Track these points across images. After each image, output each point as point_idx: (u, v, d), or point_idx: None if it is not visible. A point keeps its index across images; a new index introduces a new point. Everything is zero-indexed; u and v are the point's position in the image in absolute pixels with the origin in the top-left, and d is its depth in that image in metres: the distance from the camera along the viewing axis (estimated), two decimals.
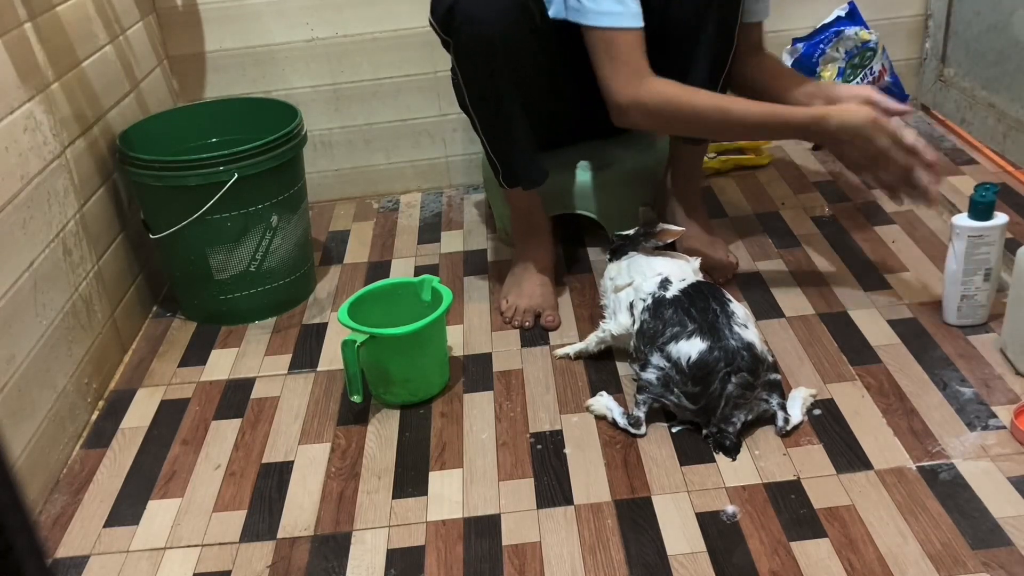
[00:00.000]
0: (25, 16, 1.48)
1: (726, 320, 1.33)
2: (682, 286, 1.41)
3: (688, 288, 1.40)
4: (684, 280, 1.43)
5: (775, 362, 1.36)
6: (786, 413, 1.34)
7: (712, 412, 1.31)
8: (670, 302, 1.38)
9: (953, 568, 1.10)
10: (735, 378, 1.29)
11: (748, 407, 1.32)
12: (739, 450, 1.30)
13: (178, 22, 2.06)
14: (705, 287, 1.41)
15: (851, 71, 2.13)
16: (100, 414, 1.54)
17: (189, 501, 1.33)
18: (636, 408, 1.36)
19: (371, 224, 2.10)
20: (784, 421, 1.33)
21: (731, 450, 1.30)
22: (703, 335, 1.31)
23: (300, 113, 1.76)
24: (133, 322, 1.75)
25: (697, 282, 1.43)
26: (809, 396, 1.38)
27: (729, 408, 1.30)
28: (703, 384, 1.30)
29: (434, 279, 1.53)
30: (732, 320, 1.34)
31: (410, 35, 2.08)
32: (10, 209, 1.36)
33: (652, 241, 1.53)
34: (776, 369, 1.36)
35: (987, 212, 1.43)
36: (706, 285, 1.42)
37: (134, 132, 1.75)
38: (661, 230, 1.52)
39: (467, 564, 1.18)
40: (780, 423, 1.33)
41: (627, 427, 1.36)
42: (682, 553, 1.16)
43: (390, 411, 1.47)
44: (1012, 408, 1.33)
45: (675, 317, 1.35)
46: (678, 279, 1.43)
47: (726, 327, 1.32)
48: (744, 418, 1.32)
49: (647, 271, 1.47)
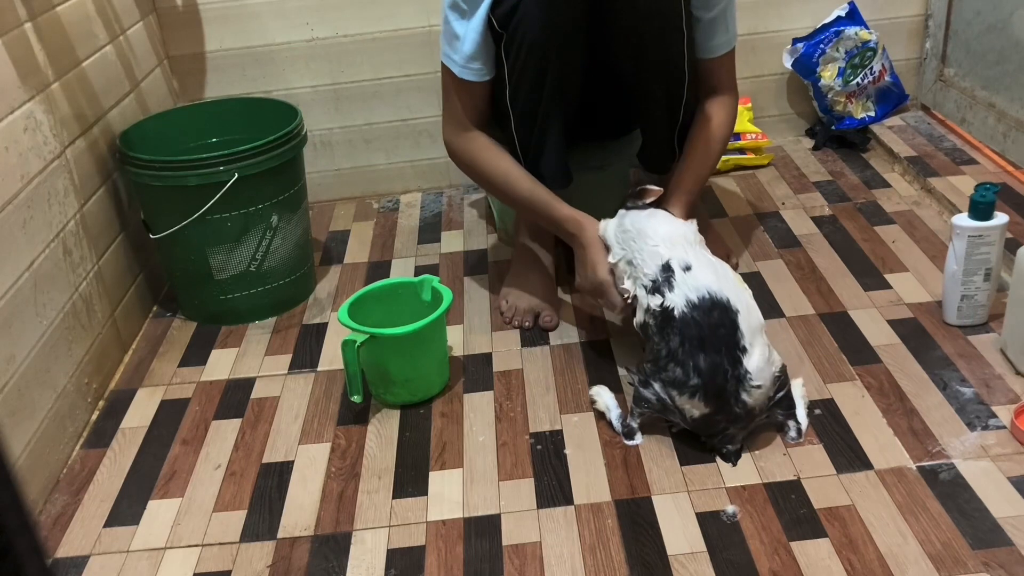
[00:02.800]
0: (25, 16, 1.48)
1: (735, 384, 1.24)
2: (690, 292, 1.28)
3: (699, 303, 1.27)
4: (688, 269, 1.32)
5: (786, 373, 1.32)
6: (797, 423, 1.32)
7: (712, 437, 1.31)
8: (678, 324, 1.27)
9: (953, 568, 1.10)
10: (734, 427, 1.29)
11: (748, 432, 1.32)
12: (740, 456, 1.30)
13: (178, 22, 2.06)
14: (716, 304, 1.27)
15: (851, 71, 2.13)
16: (100, 414, 1.54)
17: (189, 501, 1.33)
18: (631, 418, 1.35)
19: (371, 224, 2.10)
20: (796, 431, 1.32)
21: (731, 456, 1.29)
22: (708, 400, 1.25)
23: (300, 113, 1.76)
24: (133, 322, 1.75)
25: (708, 294, 1.28)
26: (802, 389, 1.37)
27: (728, 437, 1.30)
28: (703, 430, 1.30)
29: (434, 279, 1.53)
30: (741, 385, 1.25)
31: (410, 35, 2.09)
32: (10, 209, 1.36)
33: (635, 201, 1.48)
34: (786, 383, 1.31)
35: (987, 212, 1.43)
36: (717, 301, 1.28)
37: (134, 132, 1.75)
38: (641, 189, 1.49)
39: (467, 564, 1.18)
40: (792, 433, 1.32)
41: (621, 434, 1.35)
42: (682, 553, 1.16)
43: (390, 411, 1.47)
44: (1012, 408, 1.33)
45: (681, 352, 1.27)
46: (680, 265, 1.33)
47: (733, 394, 1.25)
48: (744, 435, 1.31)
49: (644, 246, 1.38)
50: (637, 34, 1.50)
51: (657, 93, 1.58)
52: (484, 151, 1.58)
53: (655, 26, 1.50)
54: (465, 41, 1.48)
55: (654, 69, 1.54)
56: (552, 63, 1.48)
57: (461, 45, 1.49)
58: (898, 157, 2.06)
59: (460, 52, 1.50)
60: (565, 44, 1.47)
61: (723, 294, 1.29)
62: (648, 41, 1.51)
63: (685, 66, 1.55)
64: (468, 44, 1.48)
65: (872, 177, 2.04)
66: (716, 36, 1.57)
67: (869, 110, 2.20)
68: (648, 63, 1.53)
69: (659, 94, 1.58)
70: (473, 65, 1.51)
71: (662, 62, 1.54)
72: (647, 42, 1.51)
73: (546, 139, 1.55)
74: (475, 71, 1.52)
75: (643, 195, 1.49)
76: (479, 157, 1.58)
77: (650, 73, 1.55)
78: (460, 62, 1.51)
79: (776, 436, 1.33)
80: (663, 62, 1.54)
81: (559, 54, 1.47)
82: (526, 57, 1.47)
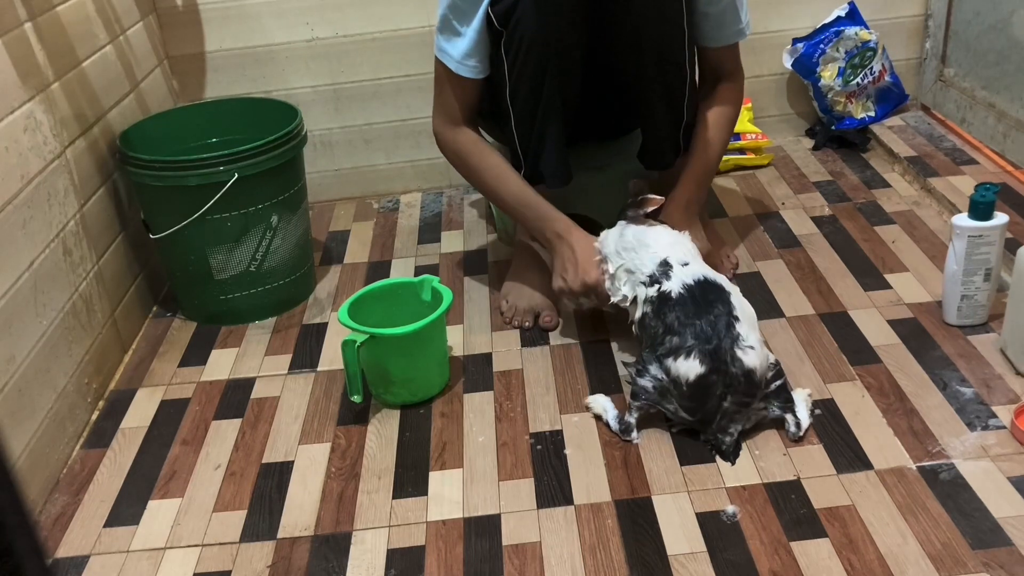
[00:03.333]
0: (25, 16, 1.48)
1: (730, 343, 1.29)
2: (686, 278, 1.36)
3: (694, 285, 1.35)
4: (686, 264, 1.38)
5: (780, 368, 1.34)
6: (796, 417, 1.32)
7: (708, 423, 1.31)
8: (675, 302, 1.34)
9: (953, 568, 1.10)
10: (732, 397, 1.28)
11: (746, 418, 1.32)
12: (738, 454, 1.30)
13: (178, 22, 2.06)
14: (711, 285, 1.35)
15: (851, 71, 2.13)
16: (100, 414, 1.54)
17: (189, 501, 1.33)
18: (629, 414, 1.35)
19: (371, 224, 2.10)
20: (796, 426, 1.32)
21: (729, 455, 1.30)
22: (703, 357, 1.28)
23: (300, 113, 1.76)
24: (133, 322, 1.75)
25: (703, 277, 1.36)
26: (807, 396, 1.37)
27: (726, 420, 1.30)
28: (699, 401, 1.30)
29: (434, 279, 1.53)
30: (736, 344, 1.29)
31: (410, 35, 2.09)
32: (10, 209, 1.36)
33: (636, 211, 1.50)
34: (781, 375, 1.33)
35: (987, 212, 1.43)
36: (711, 283, 1.36)
37: (134, 132, 1.75)
38: (643, 199, 1.51)
39: (467, 564, 1.18)
40: (792, 428, 1.32)
41: (618, 433, 1.35)
42: (682, 553, 1.16)
43: (390, 411, 1.47)
44: (1012, 408, 1.33)
45: (678, 323, 1.32)
46: (678, 262, 1.39)
47: (728, 351, 1.28)
48: (741, 427, 1.31)
49: (640, 248, 1.43)
50: (637, 33, 1.51)
51: (657, 91, 1.58)
52: (473, 145, 1.60)
53: (655, 25, 1.50)
54: (463, 38, 1.49)
55: (654, 67, 1.55)
56: (552, 61, 1.48)
57: (459, 41, 1.50)
58: (898, 157, 2.06)
59: (457, 48, 1.50)
60: (564, 42, 1.48)
61: (718, 279, 1.37)
62: (648, 40, 1.51)
63: (686, 64, 1.55)
64: (466, 41, 1.49)
65: (872, 177, 2.04)
66: (726, 26, 1.58)
67: (869, 110, 2.20)
68: (648, 61, 1.54)
69: (659, 92, 1.58)
70: (469, 62, 1.51)
71: (662, 60, 1.54)
72: (647, 41, 1.51)
73: (546, 137, 1.55)
74: (471, 68, 1.52)
75: (643, 204, 1.50)
76: (469, 151, 1.60)
77: (650, 71, 1.55)
78: (457, 58, 1.51)
79: (776, 436, 1.33)
80: (663, 60, 1.54)
81: (559, 52, 1.47)
82: (526, 55, 1.47)
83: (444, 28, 1.52)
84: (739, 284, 1.68)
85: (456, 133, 1.60)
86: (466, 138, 1.60)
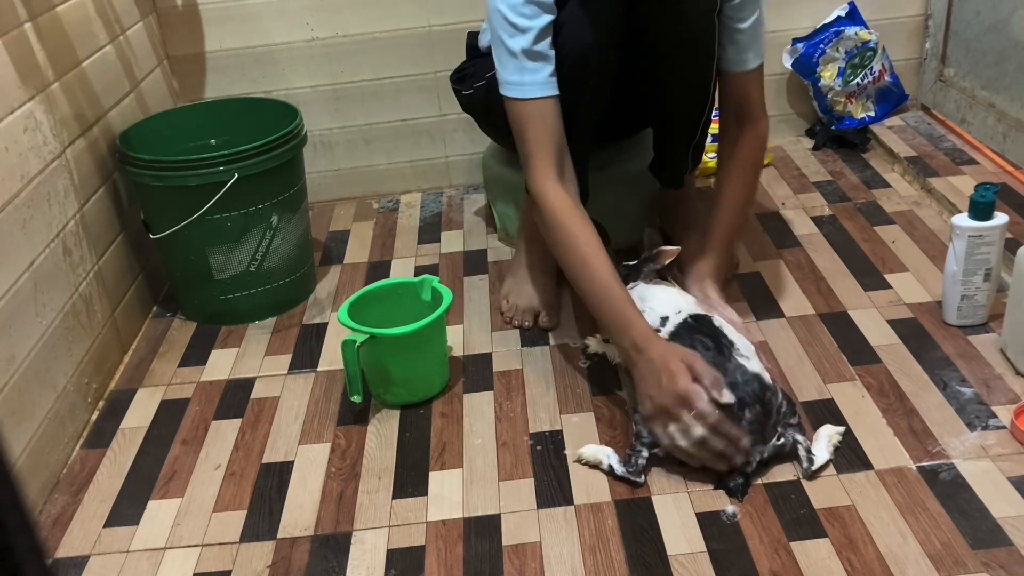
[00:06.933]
0: (25, 16, 1.48)
1: (728, 352, 1.28)
2: (679, 320, 1.36)
3: (685, 322, 1.35)
4: (680, 312, 1.38)
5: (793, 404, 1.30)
6: (809, 453, 1.26)
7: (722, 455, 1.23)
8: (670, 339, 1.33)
9: (953, 568, 1.10)
10: (748, 412, 1.23)
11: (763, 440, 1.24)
12: (747, 491, 1.24)
13: (178, 22, 2.06)
14: (704, 320, 1.36)
15: (851, 71, 2.13)
16: (100, 414, 1.54)
17: (189, 501, 1.33)
18: (637, 456, 1.28)
19: (371, 224, 2.10)
20: (808, 461, 1.25)
21: (737, 490, 1.23)
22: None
23: (300, 113, 1.76)
24: (133, 322, 1.75)
25: (695, 314, 1.37)
26: (836, 434, 1.30)
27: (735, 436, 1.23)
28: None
29: (434, 279, 1.53)
30: (733, 351, 1.28)
31: (410, 35, 2.09)
32: (10, 209, 1.36)
33: (651, 265, 1.52)
34: (795, 412, 1.29)
35: (987, 212, 1.43)
36: (704, 318, 1.36)
37: (134, 132, 1.75)
38: (658, 252, 1.52)
39: (467, 564, 1.18)
40: (805, 463, 1.25)
41: (626, 476, 1.27)
42: (682, 553, 1.16)
43: (390, 411, 1.47)
44: (1012, 408, 1.33)
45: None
46: (675, 313, 1.39)
47: (727, 358, 1.26)
48: (760, 457, 1.24)
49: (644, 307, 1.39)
50: (671, 60, 1.50)
51: (682, 113, 1.59)
52: (569, 213, 1.41)
53: (691, 53, 1.49)
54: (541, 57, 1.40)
55: (682, 91, 1.55)
56: (589, 84, 1.44)
57: (541, 63, 1.40)
58: (898, 157, 2.06)
59: (540, 71, 1.40)
60: (602, 64, 1.43)
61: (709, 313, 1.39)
62: (682, 66, 1.51)
63: (711, 87, 1.56)
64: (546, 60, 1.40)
65: (872, 177, 2.04)
66: (750, 48, 1.51)
67: (869, 110, 2.20)
68: (678, 86, 1.54)
69: (684, 114, 1.59)
70: (553, 79, 1.41)
71: (692, 87, 1.54)
72: (681, 67, 1.51)
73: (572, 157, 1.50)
74: (555, 84, 1.42)
75: (659, 258, 1.51)
76: (561, 222, 1.41)
77: (678, 94, 1.56)
78: (543, 79, 1.40)
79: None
80: (693, 87, 1.54)
81: (598, 74, 1.43)
82: (566, 76, 1.41)
83: (509, 61, 1.40)
84: (739, 284, 1.69)
85: (557, 193, 1.41)
86: (563, 204, 1.41)
